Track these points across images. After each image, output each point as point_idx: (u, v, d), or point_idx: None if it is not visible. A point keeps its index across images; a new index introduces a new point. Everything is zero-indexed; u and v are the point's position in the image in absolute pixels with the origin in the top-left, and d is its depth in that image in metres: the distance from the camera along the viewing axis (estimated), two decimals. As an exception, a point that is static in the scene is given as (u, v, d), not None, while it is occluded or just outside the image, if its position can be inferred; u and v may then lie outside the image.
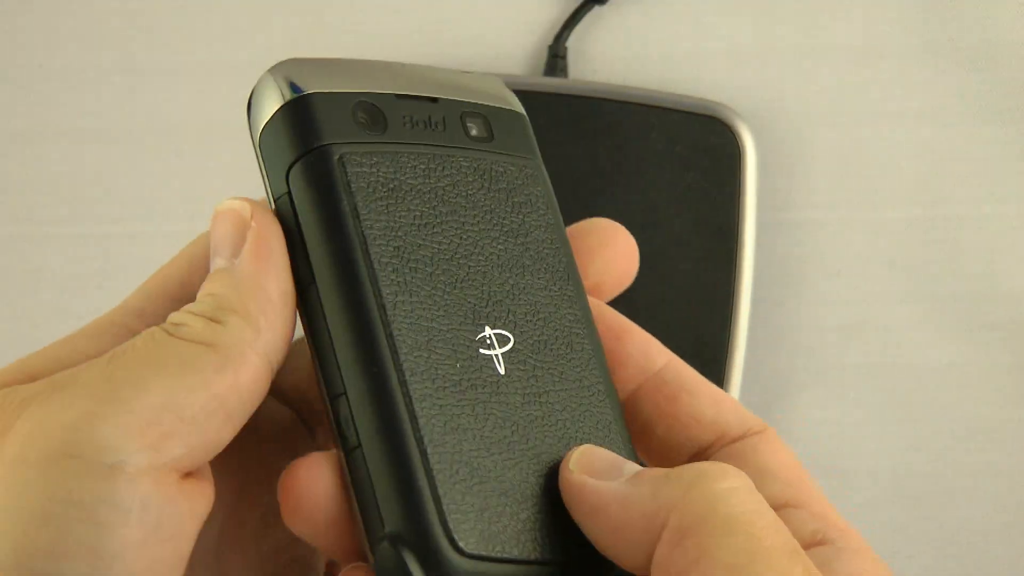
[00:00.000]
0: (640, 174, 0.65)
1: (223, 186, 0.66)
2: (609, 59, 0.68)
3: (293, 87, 0.37)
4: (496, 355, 0.37)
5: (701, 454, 0.38)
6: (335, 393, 0.35)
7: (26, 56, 0.69)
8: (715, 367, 0.64)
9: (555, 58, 0.67)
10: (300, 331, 0.37)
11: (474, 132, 0.39)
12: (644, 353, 0.39)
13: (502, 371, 0.36)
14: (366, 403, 0.35)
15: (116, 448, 0.32)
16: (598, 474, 0.34)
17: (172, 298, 0.37)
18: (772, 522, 0.32)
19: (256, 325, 0.34)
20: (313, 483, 0.34)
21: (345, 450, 0.35)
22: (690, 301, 0.64)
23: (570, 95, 0.65)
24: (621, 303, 0.64)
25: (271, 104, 0.37)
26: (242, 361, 0.34)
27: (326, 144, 0.36)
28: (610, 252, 0.40)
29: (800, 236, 0.67)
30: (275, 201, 0.37)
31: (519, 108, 0.41)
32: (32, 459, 0.32)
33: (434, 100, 0.38)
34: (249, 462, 0.38)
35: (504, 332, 0.37)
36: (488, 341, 0.37)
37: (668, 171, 0.65)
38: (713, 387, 0.38)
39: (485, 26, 0.68)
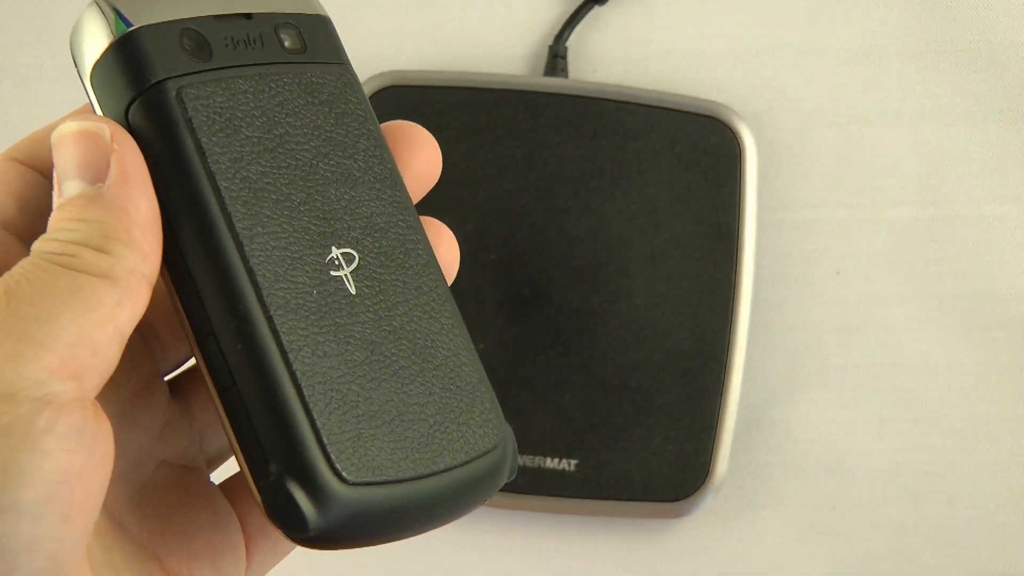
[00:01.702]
0: (640, 174, 0.65)
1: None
2: (609, 59, 0.68)
3: (121, 21, 0.37)
4: (345, 275, 0.37)
5: None
6: (203, 333, 0.36)
7: (26, 56, 0.69)
8: (715, 367, 0.64)
9: (555, 58, 0.67)
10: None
11: (288, 44, 0.39)
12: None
13: (353, 290, 0.37)
14: (236, 343, 0.35)
15: (45, 382, 0.33)
16: None
17: None
18: None
19: (142, 252, 0.35)
20: None
21: (219, 389, 0.36)
22: (690, 301, 0.64)
23: (570, 95, 0.65)
24: (623, 298, 0.65)
25: (100, 40, 0.37)
26: (138, 291, 0.35)
27: (161, 80, 0.36)
28: (412, 151, 0.41)
29: (800, 236, 0.67)
30: None
31: (323, 11, 0.41)
32: None
33: (248, 16, 0.39)
34: None
35: (349, 250, 0.38)
36: (336, 262, 0.37)
37: (668, 171, 0.65)
38: None
39: (485, 26, 0.68)
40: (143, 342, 0.40)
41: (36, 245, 0.35)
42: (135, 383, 0.40)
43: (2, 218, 0.38)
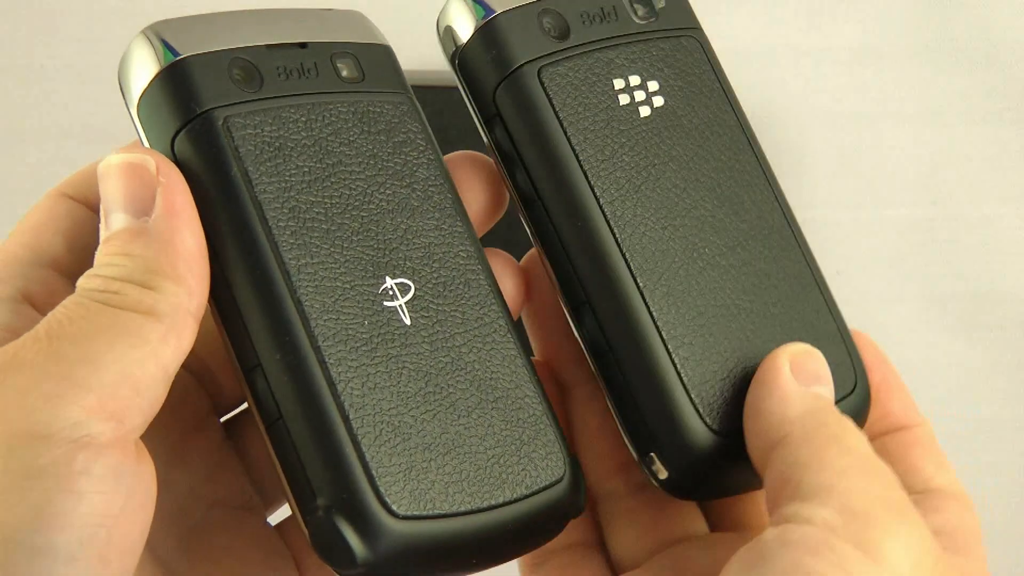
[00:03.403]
0: (640, 174, 0.65)
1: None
2: (609, 59, 0.68)
3: (168, 51, 0.36)
4: (400, 305, 0.36)
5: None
6: (249, 365, 0.35)
7: (26, 56, 0.69)
8: (715, 367, 0.64)
9: (555, 58, 0.67)
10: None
11: (345, 73, 0.38)
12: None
13: (408, 321, 0.36)
14: (283, 374, 0.35)
15: (83, 423, 0.32)
16: (799, 374, 0.38)
17: (24, 263, 0.37)
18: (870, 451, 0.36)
19: (188, 286, 0.34)
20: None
21: (266, 422, 0.35)
22: (690, 301, 0.64)
23: (570, 95, 0.65)
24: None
25: (147, 71, 0.36)
26: (183, 327, 0.34)
27: (208, 110, 0.36)
28: (476, 182, 0.40)
29: (800, 236, 0.67)
30: None
31: (384, 40, 0.40)
32: None
33: (303, 46, 0.38)
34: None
35: (405, 280, 0.37)
36: (391, 292, 0.36)
37: (668, 171, 0.65)
38: None
39: (485, 26, 0.68)
40: (195, 381, 0.40)
41: (81, 282, 0.34)
42: (186, 423, 0.39)
43: (51, 256, 0.37)
